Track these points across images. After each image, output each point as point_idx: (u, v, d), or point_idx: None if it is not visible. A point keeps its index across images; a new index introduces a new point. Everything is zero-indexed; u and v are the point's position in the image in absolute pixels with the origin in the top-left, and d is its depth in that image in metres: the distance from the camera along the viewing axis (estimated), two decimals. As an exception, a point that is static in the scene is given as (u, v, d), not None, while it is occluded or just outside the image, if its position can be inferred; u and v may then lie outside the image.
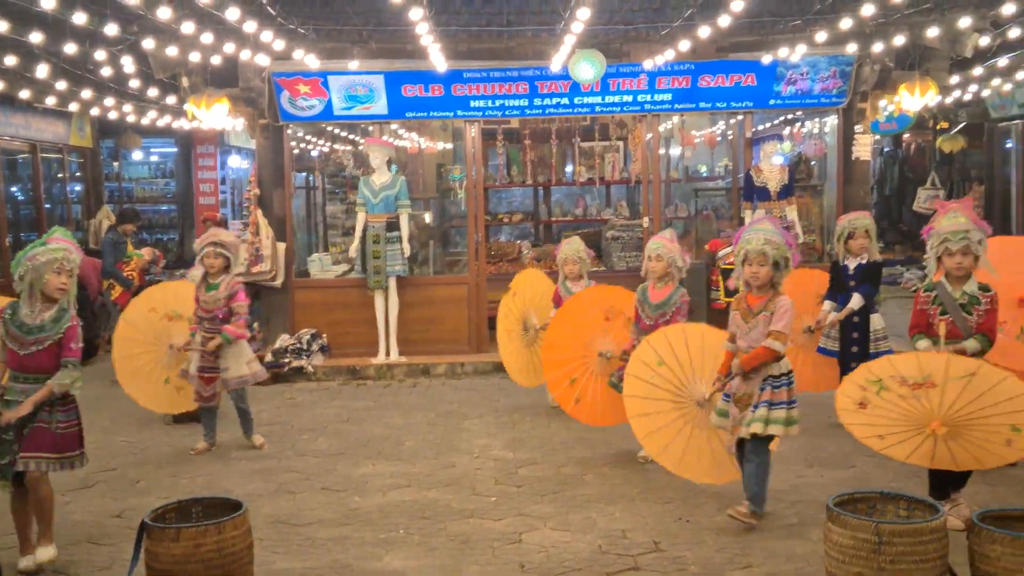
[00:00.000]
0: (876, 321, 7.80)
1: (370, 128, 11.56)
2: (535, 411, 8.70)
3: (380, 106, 10.68)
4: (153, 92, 11.77)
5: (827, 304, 7.82)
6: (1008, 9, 8.29)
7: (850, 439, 7.02)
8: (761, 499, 5.60)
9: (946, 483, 5.51)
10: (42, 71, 9.88)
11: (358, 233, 10.43)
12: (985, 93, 14.09)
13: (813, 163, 12.47)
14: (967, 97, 14.11)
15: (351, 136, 13.95)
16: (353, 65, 10.21)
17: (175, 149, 19.04)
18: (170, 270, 13.46)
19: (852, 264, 7.71)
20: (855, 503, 4.68)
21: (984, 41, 9.88)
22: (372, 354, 10.57)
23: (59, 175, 15.49)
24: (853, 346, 7.69)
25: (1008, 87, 13.63)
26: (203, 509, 4.74)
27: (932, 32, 9.39)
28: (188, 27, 8.22)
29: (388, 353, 10.54)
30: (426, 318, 10.84)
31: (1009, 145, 16.15)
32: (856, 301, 7.60)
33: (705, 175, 14.16)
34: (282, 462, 7.29)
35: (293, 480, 6.81)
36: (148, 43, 9.18)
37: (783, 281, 5.61)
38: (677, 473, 6.21)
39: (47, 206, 14.83)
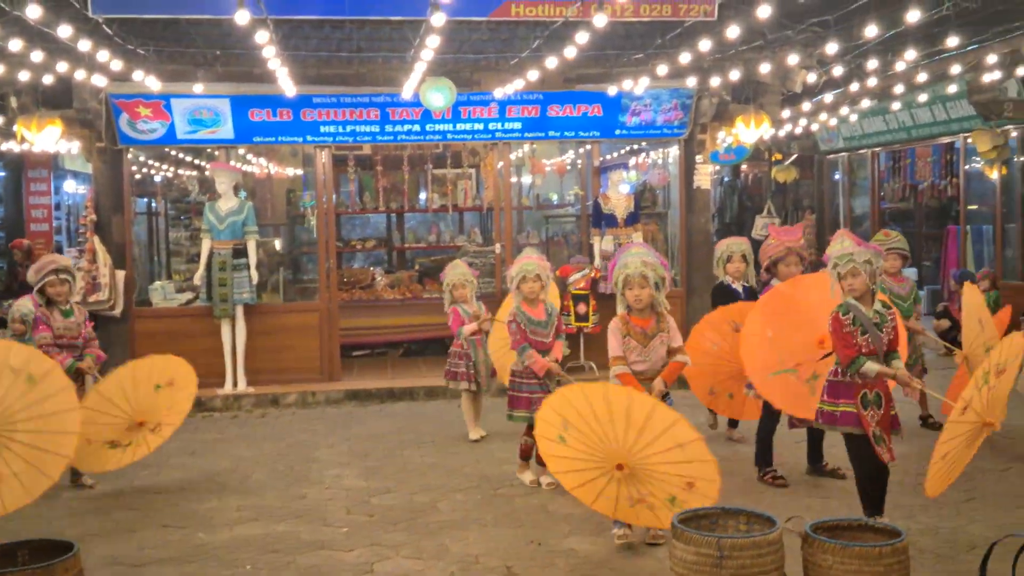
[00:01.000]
0: None
1: (216, 153, 11.25)
2: (388, 439, 8.61)
3: (226, 130, 10.42)
4: (-22, 112, 11.13)
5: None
6: (831, 48, 8.85)
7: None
8: None
9: (881, 498, 5.75)
10: None
11: (203, 260, 10.11)
12: (814, 127, 14.96)
13: (658, 191, 12.90)
14: (798, 130, 14.94)
15: (196, 161, 13.54)
16: (197, 88, 9.93)
17: (3, 173, 18.00)
18: (-1, 300, 12.67)
19: (739, 287, 7.99)
20: (698, 520, 4.82)
21: (811, 78, 10.50)
22: (219, 385, 10.23)
23: None
24: None
25: (833, 122, 14.51)
26: (30, 552, 4.45)
27: (764, 68, 9.92)
28: (16, 44, 7.83)
29: (235, 383, 10.23)
30: (276, 347, 10.59)
31: (837, 176, 17.19)
32: None
33: (556, 203, 14.44)
34: (119, 499, 6.95)
35: (132, 518, 6.49)
36: (-29, 60, 8.68)
37: (664, 302, 5.88)
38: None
39: None
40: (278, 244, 13.40)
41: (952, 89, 11.82)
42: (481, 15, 10.15)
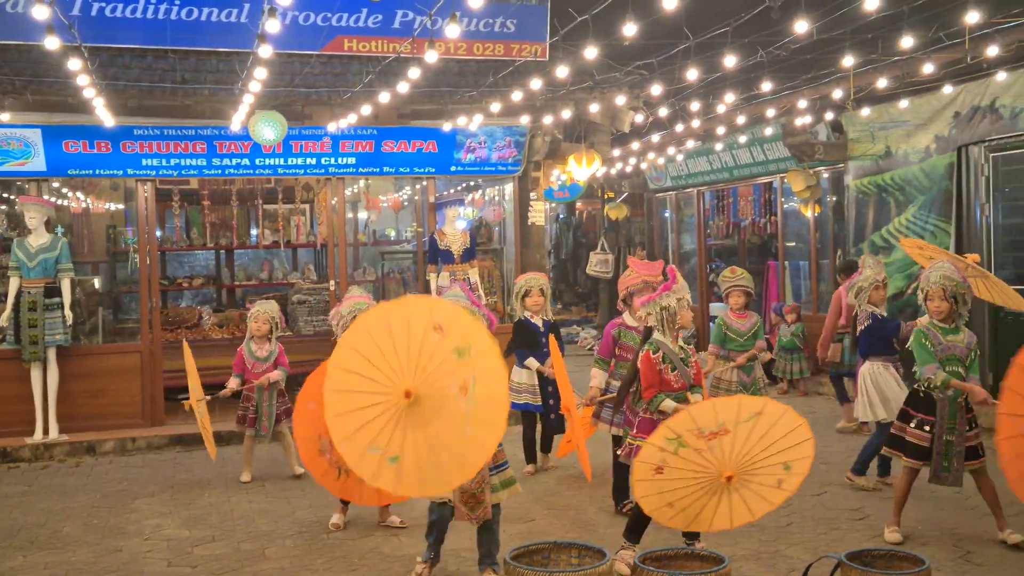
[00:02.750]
0: None
1: (26, 186, 10.57)
2: (214, 486, 8.23)
3: (37, 162, 9.81)
4: None
5: (533, 361, 8.10)
6: (656, 90, 9.20)
7: (528, 494, 7.30)
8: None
9: (642, 526, 5.75)
10: None
11: (11, 300, 9.44)
12: (643, 166, 15.51)
13: (494, 227, 13.01)
14: (629, 169, 15.46)
15: (4, 194, 12.70)
16: (4, 117, 9.33)
17: None
18: None
19: (538, 322, 8.11)
20: (531, 555, 4.81)
21: (639, 118, 10.87)
22: (27, 433, 9.53)
23: None
24: (550, 400, 8.04)
25: (661, 161, 15.09)
26: None
27: (594, 108, 10.20)
28: None
29: (47, 431, 9.55)
30: (93, 390, 9.97)
31: (666, 214, 17.83)
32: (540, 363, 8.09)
33: (392, 239, 14.33)
34: (-91, 563, 6.33)
35: (-78, 583, 5.93)
36: None
37: None
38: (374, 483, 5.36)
39: None
40: (97, 282, 12.70)
41: (768, 131, 12.51)
42: (312, 49, 10.01)
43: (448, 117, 10.58)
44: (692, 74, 8.23)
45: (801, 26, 6.80)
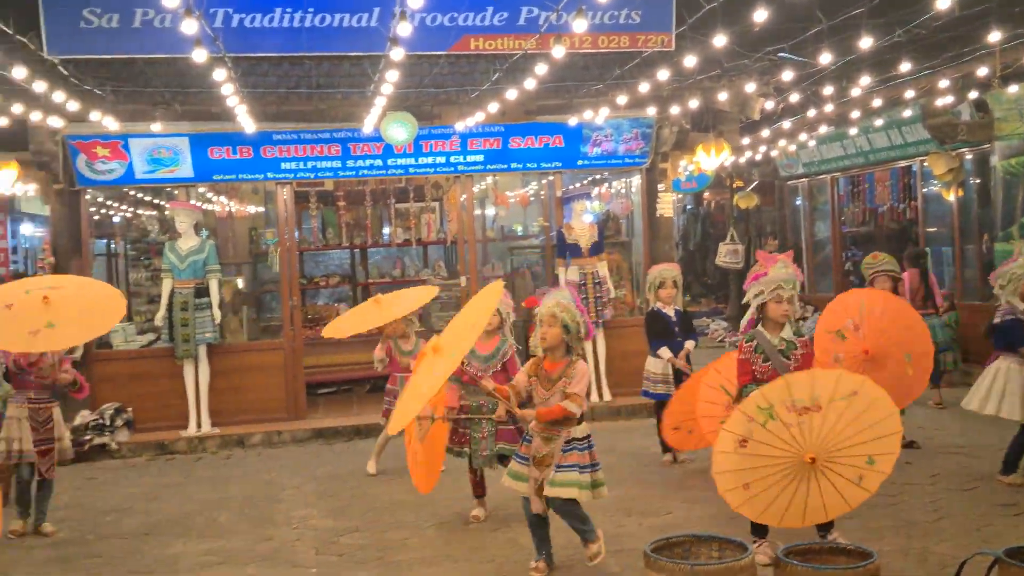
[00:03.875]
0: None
1: (175, 192, 11.15)
2: (356, 477, 8.50)
3: (185, 169, 10.34)
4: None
5: (665, 350, 8.08)
6: (787, 76, 8.97)
7: (666, 487, 7.27)
8: (592, 528, 5.66)
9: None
10: None
11: (164, 300, 9.99)
12: (774, 154, 15.15)
13: (621, 220, 12.96)
14: (758, 157, 15.13)
15: (155, 200, 13.42)
16: (156, 127, 9.86)
17: (-41, 217, 17.73)
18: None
19: (671, 312, 8.11)
20: (671, 548, 4.79)
21: (769, 105, 10.63)
22: (182, 427, 10.07)
23: None
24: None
25: (793, 148, 14.71)
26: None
27: (722, 96, 10.03)
28: (-30, 86, 7.73)
29: (199, 425, 10.07)
30: (240, 386, 10.45)
31: (798, 202, 17.39)
32: (691, 346, 8.17)
33: (520, 234, 14.45)
34: (83, 547, 6.77)
35: (95, 565, 6.33)
36: (-77, 103, 8.55)
37: (577, 347, 5.74)
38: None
39: None
40: (241, 283, 13.27)
41: (907, 114, 12.03)
42: (440, 50, 10.18)
43: (574, 111, 10.60)
44: (825, 58, 8.00)
45: (943, 2, 6.53)
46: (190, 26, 6.21)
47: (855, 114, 11.37)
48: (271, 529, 7.04)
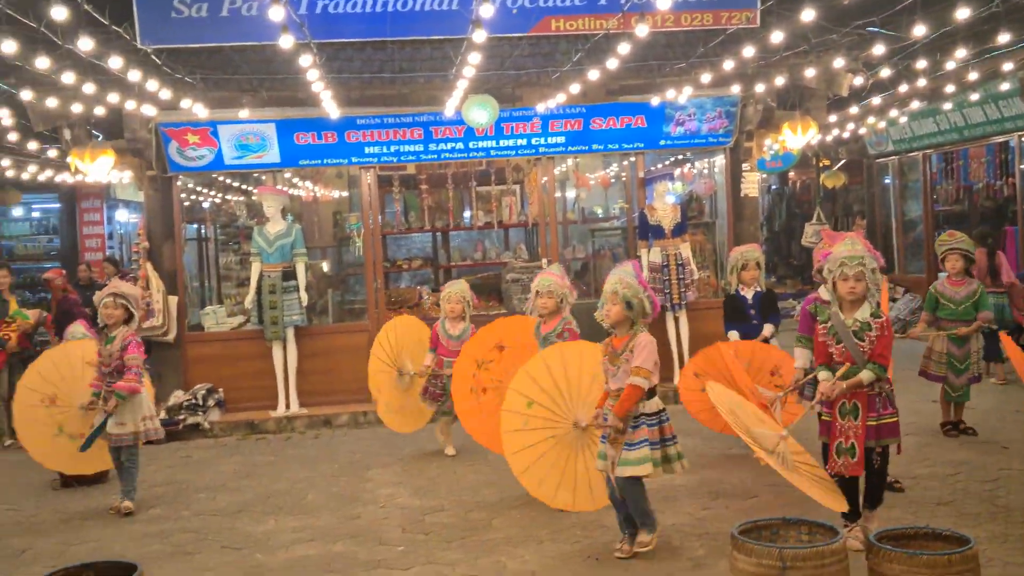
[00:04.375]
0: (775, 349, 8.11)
1: (263, 177, 11.38)
2: (441, 457, 8.59)
3: (272, 154, 10.55)
4: (33, 145, 11.38)
5: (733, 334, 8.01)
6: (878, 50, 8.71)
7: (752, 471, 7.18)
8: (651, 519, 5.68)
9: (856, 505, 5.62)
10: (-88, 125, 9.46)
11: (253, 284, 10.22)
12: (862, 131, 14.76)
13: (704, 201, 12.79)
14: (846, 135, 14.76)
15: (243, 186, 13.71)
16: (243, 114, 10.07)
17: (58, 205, 18.42)
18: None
19: (749, 294, 8.01)
20: (759, 530, 4.73)
21: (858, 81, 10.35)
22: (271, 407, 10.31)
23: (-67, 234, 14.81)
24: None
25: (882, 125, 14.31)
26: (96, 574, 4.49)
27: (809, 73, 9.80)
28: (69, 77, 8.00)
29: (288, 405, 10.30)
30: (326, 368, 10.64)
31: (887, 180, 16.92)
32: (769, 329, 7.98)
33: (601, 216, 14.36)
34: (178, 523, 6.99)
35: (190, 540, 6.53)
36: (26, 94, 8.88)
37: (641, 321, 5.71)
38: (552, 505, 6.33)
39: (-79, 267, 14.11)
40: (326, 266, 13.50)
41: (1005, 87, 11.59)
42: (521, 31, 10.17)
43: (656, 91, 10.48)
44: (919, 30, 7.74)
45: (1045, -31, 6.26)
46: (277, 13, 6.32)
47: (949, 88, 11.01)
48: (358, 507, 7.17)
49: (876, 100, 12.30)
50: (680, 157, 13.27)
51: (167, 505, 7.46)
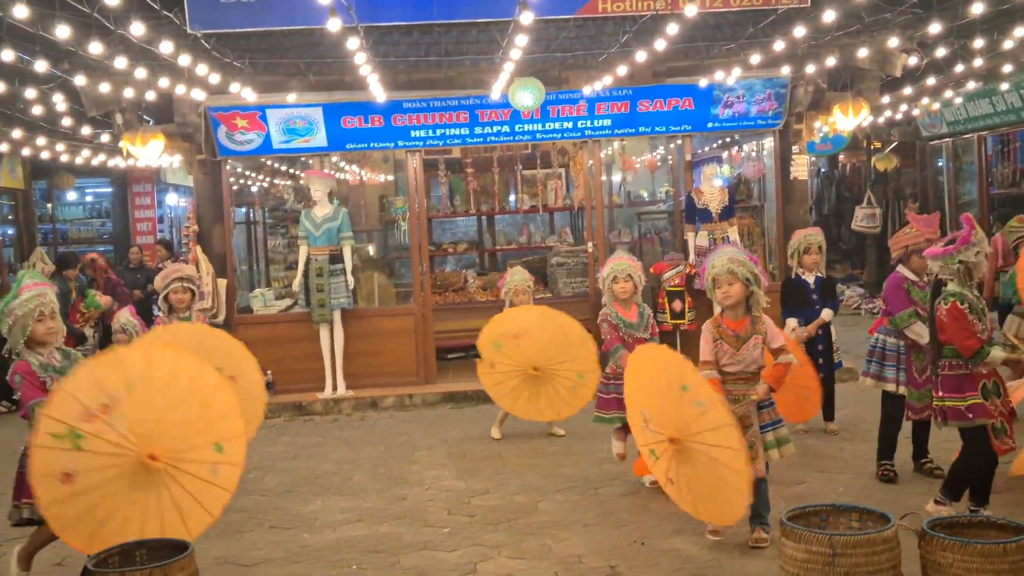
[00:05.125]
0: (833, 333, 8.01)
1: (310, 161, 11.45)
2: (486, 441, 8.62)
3: (319, 138, 10.60)
4: (86, 130, 11.56)
5: (792, 320, 7.92)
6: (934, 29, 8.51)
7: (799, 456, 7.10)
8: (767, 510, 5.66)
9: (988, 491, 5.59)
10: (-31, 111, 9.64)
11: (301, 267, 10.30)
12: (915, 112, 14.46)
13: (752, 184, 12.64)
14: (899, 116, 14.46)
15: (290, 169, 13.84)
16: (291, 98, 10.12)
17: (111, 189, 18.73)
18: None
19: (811, 279, 7.91)
20: (808, 517, 4.67)
21: (912, 61, 10.13)
22: (318, 389, 10.41)
23: (-10, 218, 15.12)
24: (819, 358, 7.80)
25: (936, 106, 14.01)
26: (147, 552, 4.57)
27: (862, 53, 9.61)
28: (121, 62, 8.09)
29: (335, 387, 10.39)
30: (372, 351, 10.71)
31: (940, 163, 16.58)
32: (828, 314, 7.90)
33: (647, 199, 14.27)
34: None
35: (239, 520, 6.63)
36: (80, 80, 9.01)
37: (761, 300, 5.58)
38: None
39: (-23, 250, 14.45)
40: (371, 250, 13.58)
41: (1064, 67, 11.28)
42: (568, 13, 10.10)
43: (704, 72, 10.34)
44: (977, 7, 7.54)
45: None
46: (325, -4, 6.33)
47: (1007, 68, 10.72)
48: (404, 489, 7.21)
49: (930, 81, 12.01)
50: (728, 140, 13.12)
51: (217, 484, 7.56)
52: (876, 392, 6.86)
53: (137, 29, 7.22)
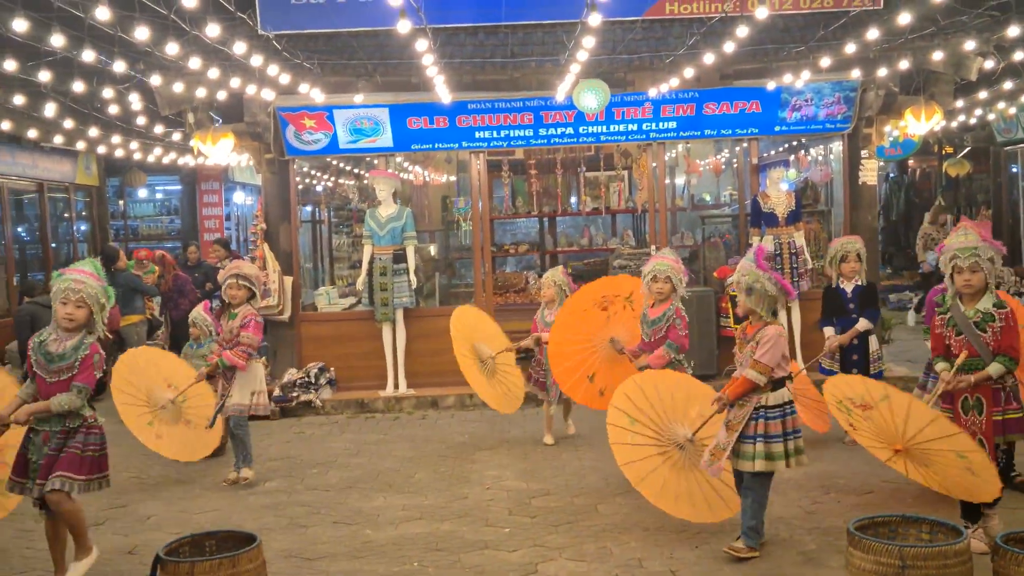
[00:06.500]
0: (873, 343, 7.85)
1: (375, 161, 11.57)
2: (545, 441, 8.62)
3: (385, 139, 10.71)
4: (159, 129, 11.83)
5: (828, 329, 7.85)
6: (1012, 32, 8.31)
7: (864, 464, 7.00)
8: (756, 531, 5.52)
9: (976, 505, 5.44)
10: (50, 110, 9.94)
11: (365, 266, 10.41)
12: (990, 117, 14.13)
13: (820, 188, 12.45)
14: (972, 121, 14.14)
15: (355, 169, 13.99)
16: (358, 98, 10.24)
17: (180, 186, 19.14)
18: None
19: (849, 287, 7.80)
20: (876, 527, 4.61)
21: (988, 64, 9.90)
22: (380, 387, 10.51)
23: (65, 214, 15.55)
24: (853, 368, 7.67)
25: (1013, 110, 13.66)
26: (216, 543, 4.68)
27: (936, 56, 9.42)
28: (195, 63, 8.27)
29: (397, 386, 10.48)
30: (434, 350, 10.74)
31: (1015, 169, 16.17)
32: (864, 324, 7.76)
33: (710, 202, 14.15)
34: (292, 496, 7.21)
35: (304, 514, 6.73)
36: (155, 79, 9.23)
37: (773, 308, 5.58)
38: (674, 514, 5.99)
39: (53, 245, 14.86)
40: (433, 250, 13.67)
41: None
42: (635, 15, 10.07)
43: (772, 75, 10.23)
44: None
45: None
46: (395, -2, 6.39)
47: (1088, 72, 10.43)
48: (465, 488, 7.25)
49: (1007, 85, 11.73)
50: (795, 143, 12.95)
51: (282, 479, 7.69)
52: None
53: (212, 30, 7.37)
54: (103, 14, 6.63)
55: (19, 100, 9.73)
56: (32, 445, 5.17)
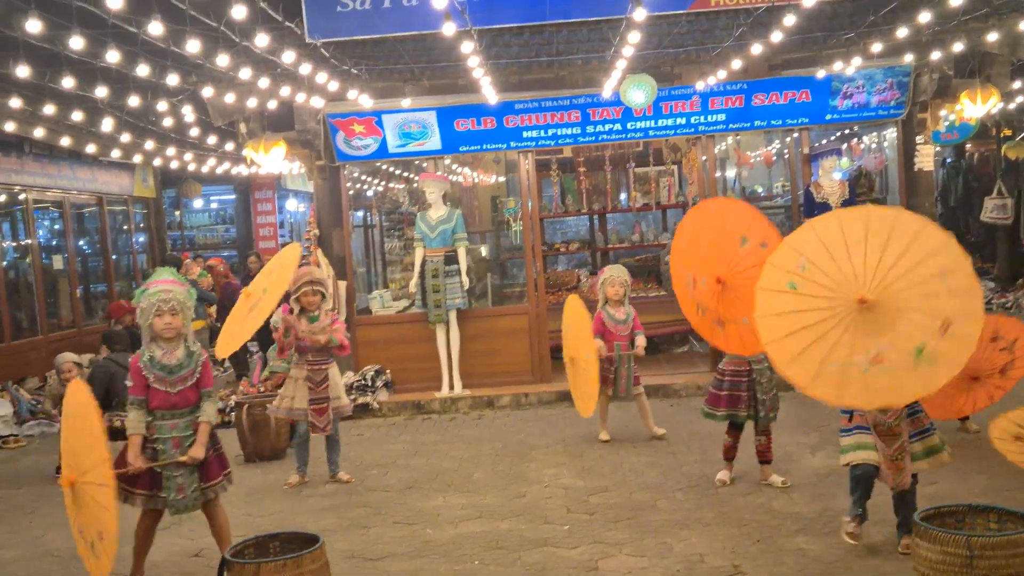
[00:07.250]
0: None
1: (424, 164, 11.66)
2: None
3: (434, 142, 10.78)
4: (212, 140, 12.03)
5: None
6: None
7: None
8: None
9: None
10: (107, 125, 10.17)
11: (417, 268, 10.49)
12: (1050, 97, 13.76)
13: (874, 176, 12.26)
14: (1031, 102, 13.79)
15: (405, 173, 14.10)
16: (406, 103, 10.32)
17: (234, 196, 19.44)
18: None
19: None
20: (942, 517, 4.53)
21: (1046, 43, 9.68)
22: (436, 388, 10.58)
23: (124, 226, 15.87)
24: None
25: (1073, 90, 13.29)
26: (280, 544, 4.75)
27: (992, 37, 9.23)
28: (245, 73, 8.40)
29: (452, 386, 10.54)
30: (488, 350, 10.82)
31: (1076, 149, 15.71)
32: None
33: (762, 194, 14.00)
34: (353, 497, 7.29)
35: (365, 515, 6.80)
36: (207, 91, 9.39)
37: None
38: (839, 403, 5.01)
39: (113, 257, 15.19)
40: (484, 250, 13.72)
41: None
42: (681, 8, 9.99)
43: (822, 63, 10.10)
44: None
45: None
46: (440, 1, 6.43)
47: None
48: (523, 486, 7.27)
49: (1066, 63, 11.45)
50: (847, 131, 12.76)
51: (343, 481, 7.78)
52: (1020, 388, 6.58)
53: (261, 40, 7.49)
54: (156, 29, 6.77)
55: (78, 116, 9.96)
56: (163, 456, 5.34)
